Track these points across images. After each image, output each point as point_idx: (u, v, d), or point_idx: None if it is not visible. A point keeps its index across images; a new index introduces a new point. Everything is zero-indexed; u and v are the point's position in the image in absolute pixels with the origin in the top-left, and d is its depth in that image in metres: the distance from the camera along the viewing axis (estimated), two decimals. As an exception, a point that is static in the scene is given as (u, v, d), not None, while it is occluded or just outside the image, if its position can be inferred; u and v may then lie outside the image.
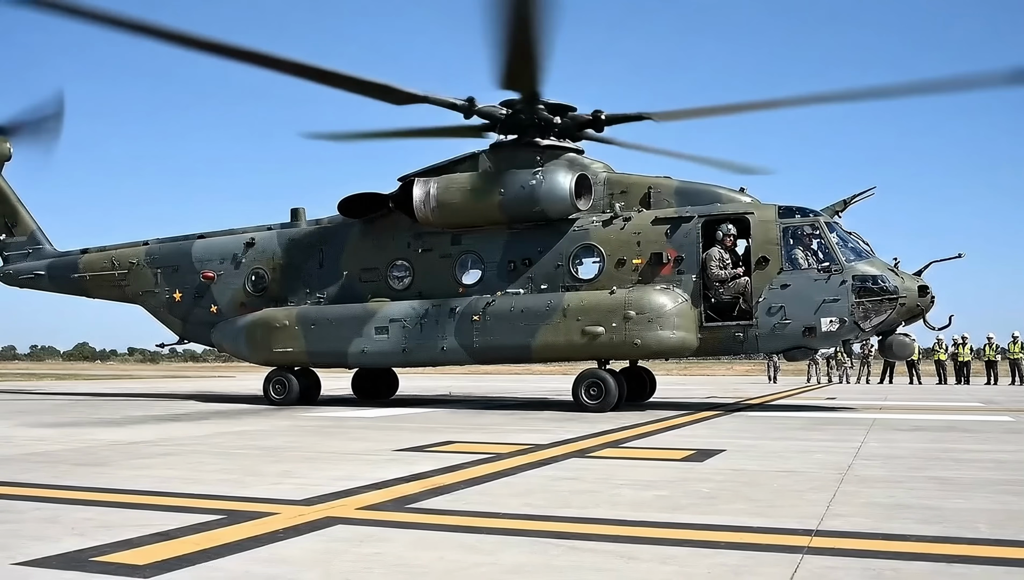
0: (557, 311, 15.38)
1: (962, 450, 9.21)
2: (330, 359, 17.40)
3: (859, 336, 15.05)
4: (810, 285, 14.69)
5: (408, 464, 7.75)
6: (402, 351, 16.45)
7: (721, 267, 15.10)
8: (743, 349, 15.43)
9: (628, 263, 15.62)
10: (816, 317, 14.60)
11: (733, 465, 7.79)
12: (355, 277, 17.51)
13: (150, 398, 21.06)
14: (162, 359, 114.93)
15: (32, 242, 21.71)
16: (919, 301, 14.66)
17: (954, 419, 13.94)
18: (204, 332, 19.10)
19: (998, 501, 5.89)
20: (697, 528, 4.91)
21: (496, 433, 11.20)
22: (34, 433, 11.03)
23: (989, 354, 35.20)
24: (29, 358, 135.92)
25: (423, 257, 17.01)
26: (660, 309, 14.92)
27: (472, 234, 16.61)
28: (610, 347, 15.17)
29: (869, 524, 5.01)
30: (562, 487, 6.48)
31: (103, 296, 20.65)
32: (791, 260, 14.91)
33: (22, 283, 21.54)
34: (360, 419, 13.83)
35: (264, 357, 17.86)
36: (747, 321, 14.97)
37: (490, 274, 16.45)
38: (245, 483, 6.67)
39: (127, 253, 20.06)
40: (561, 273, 15.97)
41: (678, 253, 15.37)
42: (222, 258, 18.84)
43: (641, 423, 12.61)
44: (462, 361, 16.51)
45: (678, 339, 14.99)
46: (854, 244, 15.09)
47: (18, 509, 5.56)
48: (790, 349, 15.22)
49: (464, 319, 15.98)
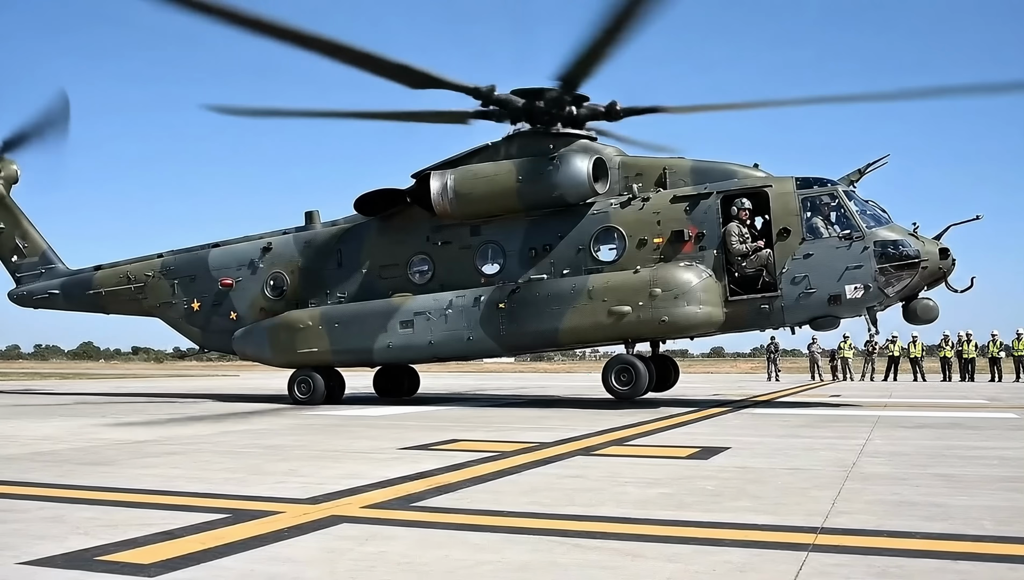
0: (583, 293, 15.45)
1: (967, 447, 9.19)
2: (355, 357, 17.39)
3: (883, 302, 14.97)
4: (832, 253, 14.77)
5: (413, 462, 7.75)
6: (428, 344, 16.46)
7: (741, 241, 15.17)
8: (770, 322, 15.39)
9: (649, 243, 15.69)
10: (840, 285, 14.67)
11: (738, 463, 7.79)
12: (375, 274, 17.56)
13: (158, 398, 21.08)
14: (166, 358, 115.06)
15: (44, 262, 21.80)
16: (941, 264, 14.73)
17: (959, 416, 13.92)
18: (224, 340, 19.09)
19: (1003, 498, 5.88)
20: (702, 526, 4.91)
21: (501, 431, 11.20)
22: (40, 432, 11.05)
23: (993, 351, 35.13)
24: (33, 357, 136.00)
25: (443, 250, 17.07)
26: (686, 285, 14.99)
27: (491, 224, 16.69)
28: (638, 326, 15.20)
29: (874, 521, 5.00)
30: (567, 485, 6.48)
31: (120, 311, 20.69)
32: (812, 230, 14.99)
33: (36, 303, 21.60)
34: (366, 418, 13.83)
35: (288, 359, 17.82)
36: (772, 293, 15.02)
37: (511, 262, 16.52)
38: (250, 482, 6.67)
39: (142, 267, 20.10)
40: (583, 257, 16.04)
41: (699, 230, 15.43)
42: (239, 265, 18.88)
43: (646, 421, 12.60)
44: (490, 351, 16.56)
45: (705, 314, 15.04)
46: (873, 211, 15.14)
47: (23, 508, 5.57)
48: (816, 318, 15.22)
49: (490, 308, 16.04)
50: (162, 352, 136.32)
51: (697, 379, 37.06)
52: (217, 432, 11.13)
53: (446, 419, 13.30)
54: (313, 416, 14.00)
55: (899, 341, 36.30)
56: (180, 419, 13.53)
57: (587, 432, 10.80)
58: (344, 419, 13.51)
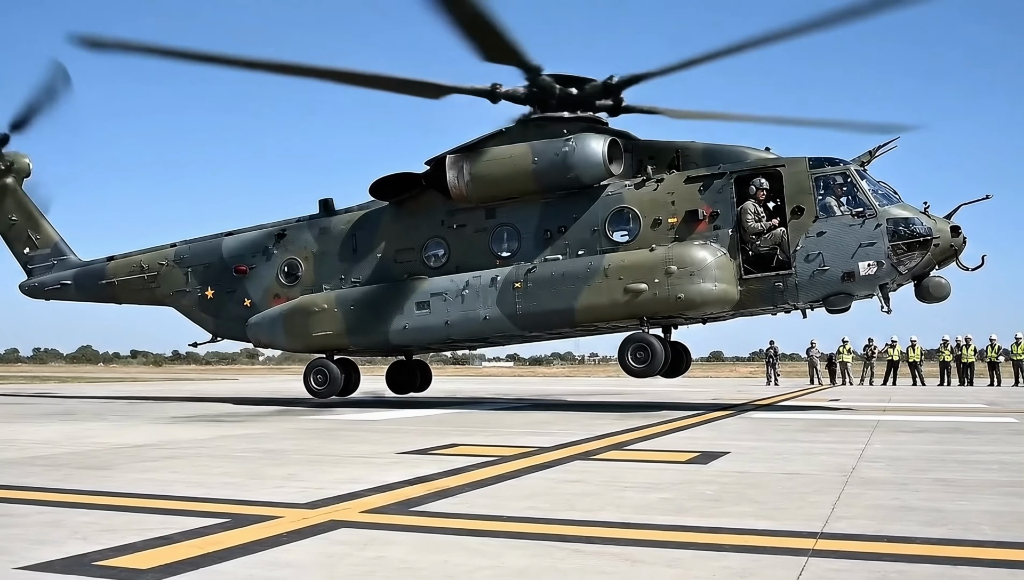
0: (599, 272, 15.63)
1: (966, 452, 9.19)
2: (371, 340, 17.50)
3: (895, 279, 15.01)
4: (845, 231, 14.85)
5: (412, 467, 7.74)
6: (444, 325, 16.63)
7: (757, 220, 15.28)
8: (784, 298, 15.40)
9: (664, 223, 15.82)
10: (854, 261, 14.78)
11: (738, 467, 7.78)
12: (390, 259, 17.74)
13: (156, 401, 21.06)
14: (164, 362, 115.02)
15: (56, 253, 22.09)
16: (952, 241, 14.80)
17: (958, 421, 13.91)
18: (237, 327, 19.28)
19: (1003, 503, 5.88)
20: (702, 531, 4.90)
21: (501, 435, 11.19)
22: (38, 436, 11.03)
23: (992, 355, 35.14)
24: (32, 361, 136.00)
25: (458, 233, 17.24)
26: (701, 262, 15.16)
27: (506, 206, 16.83)
28: (653, 303, 15.35)
29: (874, 526, 5.00)
30: (566, 490, 6.47)
31: (132, 300, 20.97)
32: (825, 208, 15.08)
33: (48, 294, 21.87)
34: (365, 422, 13.82)
35: (303, 343, 18.03)
36: (786, 270, 15.12)
37: (527, 244, 16.66)
38: (248, 487, 6.66)
39: (155, 256, 20.38)
40: (597, 238, 16.19)
41: (712, 209, 15.58)
42: (253, 252, 19.14)
43: (645, 425, 12.59)
44: (506, 330, 16.60)
45: (720, 291, 15.18)
46: (885, 191, 15.21)
47: (22, 513, 5.55)
48: (830, 296, 15.25)
49: (506, 287, 16.24)
50: (161, 355, 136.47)
51: (696, 383, 37.06)
52: (215, 436, 11.12)
53: (445, 423, 13.29)
54: (312, 420, 14.00)
55: (898, 345, 36.33)
56: (178, 423, 13.52)
57: (586, 436, 10.80)
58: (343, 423, 13.50)
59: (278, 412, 16.19)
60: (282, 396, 23.65)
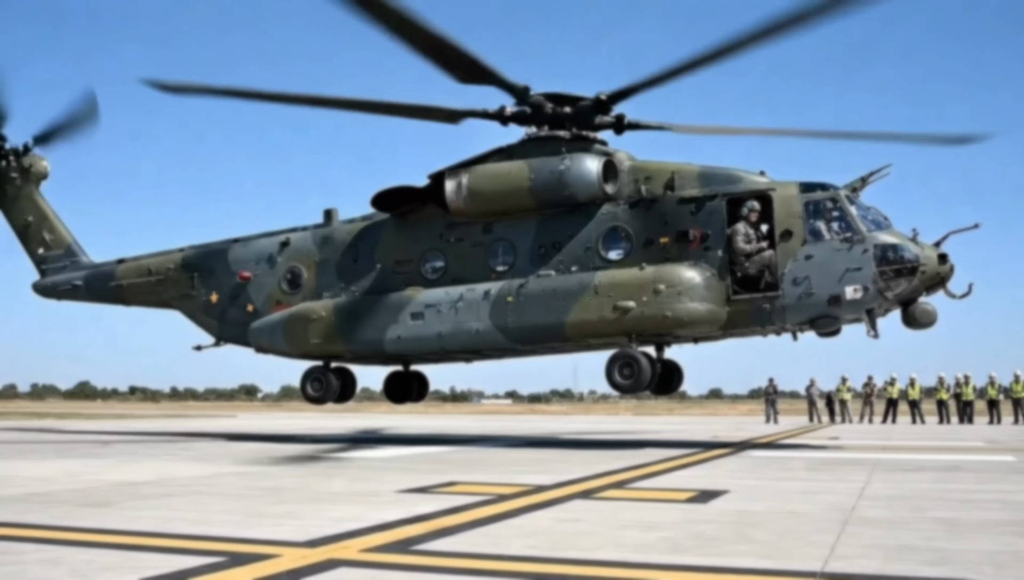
0: (589, 289, 15.87)
1: (966, 491, 9.17)
2: (366, 348, 17.81)
3: (882, 305, 15.08)
4: (833, 255, 15.00)
5: (412, 505, 7.72)
6: (437, 336, 16.90)
7: (747, 242, 15.44)
8: (771, 320, 15.52)
9: (655, 243, 16.05)
10: (840, 285, 14.88)
11: (737, 506, 7.77)
12: (389, 270, 18.07)
13: (155, 439, 21.00)
14: (163, 398, 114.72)
15: (69, 255, 22.67)
16: (939, 269, 14.92)
17: (958, 459, 13.89)
18: (240, 332, 19.61)
19: (1002, 542, 5.87)
20: (701, 570, 4.89)
21: (500, 473, 11.15)
22: (37, 473, 11.00)
23: (991, 393, 35.08)
24: (30, 397, 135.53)
25: (455, 247, 17.57)
26: (689, 282, 15.35)
27: (503, 222, 17.13)
28: (641, 321, 15.53)
29: (874, 566, 5.00)
30: (566, 528, 6.46)
31: (139, 303, 21.52)
32: (814, 232, 15.24)
33: (60, 294, 22.45)
34: (364, 459, 13.79)
35: (301, 349, 18.36)
36: (774, 292, 15.24)
37: (522, 259, 16.95)
38: (247, 524, 6.65)
39: (163, 260, 20.87)
40: (590, 255, 16.45)
41: (704, 230, 15.76)
42: (258, 259, 19.59)
43: (645, 463, 12.56)
44: (497, 343, 16.81)
45: (707, 310, 15.35)
46: (874, 217, 15.35)
47: (20, 550, 5.54)
48: (816, 319, 15.37)
49: (498, 300, 16.53)
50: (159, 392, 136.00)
51: (695, 421, 36.93)
52: (214, 474, 11.08)
53: (444, 461, 13.26)
54: (311, 457, 13.95)
55: (898, 383, 36.28)
56: (177, 460, 13.48)
57: (586, 475, 10.77)
58: (342, 461, 13.46)
59: (276, 449, 16.13)
60: (280, 433, 23.59)
